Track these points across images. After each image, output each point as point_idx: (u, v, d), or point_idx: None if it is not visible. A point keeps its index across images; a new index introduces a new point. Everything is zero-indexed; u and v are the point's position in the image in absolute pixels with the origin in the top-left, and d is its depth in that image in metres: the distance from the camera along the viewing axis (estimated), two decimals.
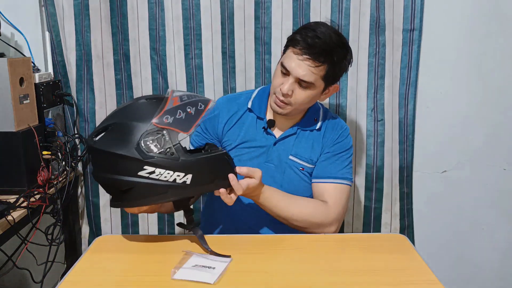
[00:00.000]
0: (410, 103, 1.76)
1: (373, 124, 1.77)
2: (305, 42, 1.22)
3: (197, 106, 1.06)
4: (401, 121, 1.78)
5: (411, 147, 1.81)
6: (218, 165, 1.10)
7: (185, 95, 1.07)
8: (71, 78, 1.78)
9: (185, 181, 1.04)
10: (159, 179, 1.03)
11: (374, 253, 1.11)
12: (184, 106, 1.05)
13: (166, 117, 1.03)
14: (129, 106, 1.09)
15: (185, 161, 1.03)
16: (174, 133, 1.03)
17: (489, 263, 1.94)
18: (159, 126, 1.02)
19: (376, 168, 1.79)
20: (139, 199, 1.06)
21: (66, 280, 0.99)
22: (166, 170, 1.02)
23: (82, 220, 1.91)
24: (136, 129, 1.02)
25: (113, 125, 1.05)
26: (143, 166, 1.01)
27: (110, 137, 1.04)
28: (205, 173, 1.07)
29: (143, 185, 1.03)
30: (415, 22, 1.69)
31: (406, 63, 1.73)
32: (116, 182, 1.04)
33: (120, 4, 1.72)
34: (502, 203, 1.89)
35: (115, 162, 1.02)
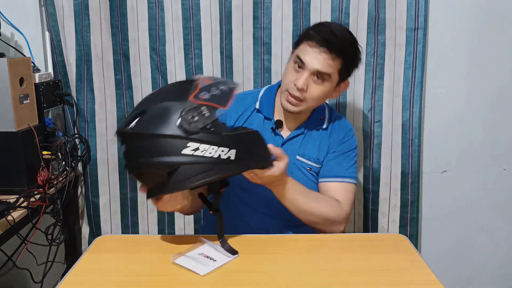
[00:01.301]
0: (415, 105, 1.72)
1: (370, 125, 1.76)
2: (321, 36, 1.24)
3: (227, 84, 1.07)
4: (404, 123, 1.73)
5: (417, 152, 1.74)
6: (255, 141, 1.10)
7: (213, 77, 1.11)
8: (71, 78, 1.78)
9: (230, 156, 1.02)
10: (203, 156, 1.00)
11: (374, 253, 1.11)
12: (217, 84, 1.05)
13: (203, 93, 1.02)
14: (159, 91, 1.08)
15: (228, 136, 1.02)
16: (213, 108, 1.01)
17: (489, 263, 1.94)
18: (197, 102, 1.00)
19: (372, 170, 1.78)
20: (184, 181, 1.00)
21: (66, 280, 0.99)
22: (210, 145, 1.00)
23: (82, 220, 1.91)
24: (173, 108, 0.99)
25: (147, 109, 1.01)
26: (187, 143, 0.98)
27: (148, 120, 1.00)
28: (247, 149, 1.06)
29: (188, 163, 0.99)
30: (419, 21, 1.67)
31: (410, 63, 1.70)
32: (160, 164, 0.99)
33: (120, 4, 1.72)
34: (502, 203, 1.89)
35: (157, 143, 0.99)
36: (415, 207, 1.79)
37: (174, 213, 1.87)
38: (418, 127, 1.74)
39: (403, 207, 1.79)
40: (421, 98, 1.72)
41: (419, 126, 1.74)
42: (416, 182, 1.78)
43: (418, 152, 1.75)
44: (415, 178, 1.77)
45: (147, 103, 1.04)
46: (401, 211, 1.79)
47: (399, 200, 1.78)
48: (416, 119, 1.73)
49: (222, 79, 1.08)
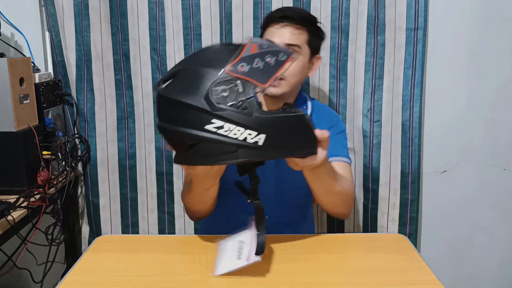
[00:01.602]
0: (416, 105, 1.72)
1: (369, 125, 1.76)
2: (280, 14, 1.30)
3: (278, 56, 0.93)
4: (404, 123, 1.73)
5: (417, 152, 1.74)
6: (297, 128, 0.96)
7: (265, 44, 0.95)
8: (71, 78, 1.78)
9: (257, 141, 0.92)
10: (227, 136, 0.90)
11: (374, 253, 1.11)
12: (263, 55, 0.92)
13: (242, 64, 0.90)
14: (201, 51, 0.98)
15: (259, 118, 0.91)
16: (249, 84, 0.90)
17: (489, 263, 1.94)
18: (232, 74, 0.90)
19: (372, 169, 1.78)
20: (204, 158, 0.94)
21: (66, 280, 0.99)
22: (236, 126, 0.90)
23: (82, 220, 1.91)
24: (206, 76, 0.90)
25: (182, 71, 0.94)
26: (211, 119, 0.89)
27: (178, 84, 0.93)
28: (281, 135, 0.94)
29: (209, 141, 0.91)
30: (419, 21, 1.66)
31: (410, 63, 1.70)
32: (181, 134, 0.93)
33: (120, 4, 1.72)
34: (502, 203, 1.89)
35: (181, 112, 0.91)
36: (415, 206, 1.79)
37: (174, 213, 1.87)
38: (418, 126, 1.73)
39: (402, 207, 1.79)
40: (421, 97, 1.72)
41: (419, 126, 1.73)
42: (416, 182, 1.77)
43: (418, 152, 1.75)
44: (415, 177, 1.77)
45: (186, 63, 0.96)
46: (401, 210, 1.79)
47: (399, 199, 1.78)
48: (416, 119, 1.73)
49: (275, 48, 0.95)
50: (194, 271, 1.03)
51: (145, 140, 1.82)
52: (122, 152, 1.84)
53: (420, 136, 1.75)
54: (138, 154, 1.84)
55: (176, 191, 1.85)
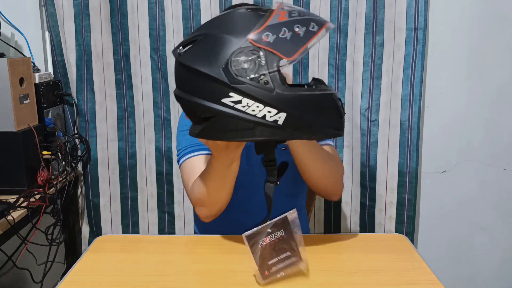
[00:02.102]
0: (415, 105, 1.72)
1: (367, 124, 1.77)
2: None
3: (308, 26, 0.84)
4: (403, 123, 1.74)
5: (416, 152, 1.75)
6: (324, 107, 0.88)
7: (295, 11, 0.86)
8: (71, 78, 1.78)
9: (277, 120, 0.84)
10: (245, 112, 0.84)
11: (374, 253, 1.11)
12: (292, 24, 0.84)
13: (267, 34, 0.82)
14: (225, 15, 0.89)
15: (281, 95, 0.83)
16: (272, 56, 0.82)
17: (489, 263, 1.94)
18: (255, 44, 0.82)
19: (369, 167, 1.79)
20: (218, 132, 0.88)
21: (66, 280, 0.99)
22: (255, 102, 0.83)
23: (82, 220, 1.91)
24: (227, 45, 0.83)
25: (203, 36, 0.87)
26: (229, 93, 0.83)
27: (196, 51, 0.87)
28: (304, 115, 0.86)
29: (225, 115, 0.84)
30: (419, 21, 1.67)
31: (409, 63, 1.70)
32: (196, 106, 0.87)
33: (120, 4, 1.72)
34: (502, 203, 1.89)
35: (197, 81, 0.86)
36: (412, 205, 1.81)
37: (174, 213, 1.87)
38: (417, 127, 1.74)
39: (399, 205, 1.81)
40: (420, 98, 1.73)
41: (418, 126, 1.74)
42: (414, 182, 1.78)
43: (416, 152, 1.76)
44: (412, 177, 1.78)
45: (208, 28, 0.89)
46: (398, 209, 1.81)
47: (396, 197, 1.80)
48: (416, 119, 1.73)
49: (307, 17, 0.86)
50: (194, 271, 1.03)
51: (145, 140, 1.82)
52: (122, 152, 1.84)
53: (419, 136, 1.76)
54: (138, 154, 1.84)
55: (176, 191, 1.85)
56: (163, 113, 1.80)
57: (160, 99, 1.79)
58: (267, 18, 0.84)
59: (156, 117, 1.80)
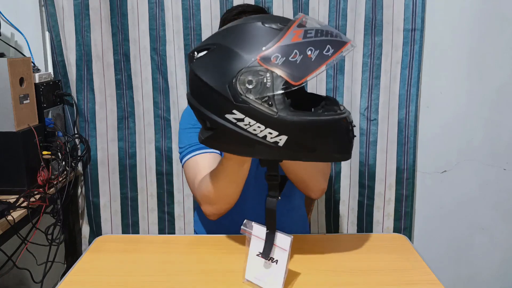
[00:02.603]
0: (412, 104, 1.75)
1: (366, 123, 1.78)
2: (238, 10, 1.26)
3: (323, 49, 0.81)
4: (400, 121, 1.77)
5: (413, 149, 1.79)
6: (329, 132, 0.86)
7: (313, 30, 0.82)
8: (71, 78, 1.78)
9: (277, 141, 0.84)
10: (246, 130, 0.84)
11: (374, 253, 1.11)
12: (305, 46, 0.81)
13: (276, 55, 0.81)
14: (240, 27, 0.87)
15: (283, 119, 0.82)
16: (279, 79, 0.81)
17: (489, 263, 1.94)
18: (263, 65, 0.81)
19: (368, 166, 1.81)
20: (221, 143, 0.90)
21: (66, 280, 0.99)
22: (257, 122, 0.83)
23: (82, 220, 1.91)
24: (236, 61, 0.82)
25: (216, 46, 0.87)
26: (232, 110, 0.83)
27: (207, 61, 0.87)
28: (307, 139, 0.85)
29: (227, 130, 0.85)
30: (417, 22, 1.69)
31: (406, 63, 1.73)
32: (202, 114, 0.89)
33: (120, 4, 1.72)
34: (502, 203, 1.89)
35: (205, 92, 0.86)
36: (409, 201, 1.84)
37: (174, 213, 1.87)
38: (414, 125, 1.77)
39: (397, 202, 1.83)
40: (417, 97, 1.75)
41: (415, 124, 1.77)
42: (411, 178, 1.82)
43: (413, 149, 1.79)
44: (410, 174, 1.81)
45: (223, 37, 0.89)
46: (396, 205, 1.84)
47: (394, 194, 1.83)
48: (412, 117, 1.77)
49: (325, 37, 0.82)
50: (193, 271, 1.03)
51: (145, 140, 1.82)
52: (122, 152, 1.84)
53: (416, 134, 1.79)
54: (138, 154, 1.84)
55: (176, 191, 1.85)
56: (163, 113, 1.80)
57: (160, 99, 1.79)
58: (281, 36, 0.82)
59: (156, 117, 1.81)
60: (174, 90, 1.77)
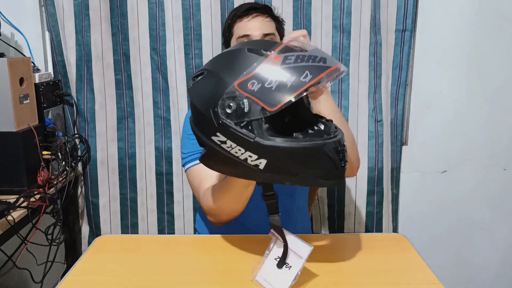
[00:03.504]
0: (399, 103, 1.77)
1: (374, 125, 1.77)
2: (245, 9, 1.28)
3: (301, 75, 0.81)
4: (392, 121, 1.78)
5: (399, 148, 1.82)
6: (309, 159, 0.86)
7: (293, 56, 0.83)
8: (71, 78, 1.78)
9: (258, 164, 0.86)
10: (229, 152, 0.87)
11: (374, 253, 1.11)
12: (281, 73, 0.82)
13: (253, 82, 0.82)
14: (229, 53, 0.92)
15: (259, 143, 0.84)
16: (255, 105, 0.82)
17: (489, 263, 1.94)
18: (240, 91, 0.83)
19: (378, 170, 1.79)
20: (210, 163, 0.96)
21: (66, 280, 0.99)
22: (237, 145, 0.85)
23: (82, 220, 1.91)
24: (220, 86, 0.85)
25: (208, 71, 0.91)
26: (216, 132, 0.87)
27: (199, 86, 0.91)
28: (286, 164, 0.86)
29: (214, 151, 0.90)
30: (407, 23, 1.71)
31: (397, 63, 1.74)
32: (196, 135, 0.94)
33: (120, 4, 1.72)
34: (502, 203, 1.89)
35: (196, 115, 0.92)
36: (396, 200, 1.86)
37: (174, 213, 1.87)
38: (401, 124, 1.79)
39: (392, 201, 1.84)
40: (404, 96, 1.76)
41: (401, 123, 1.79)
42: (398, 176, 1.84)
43: (400, 148, 1.82)
44: (398, 172, 1.83)
45: (214, 63, 0.93)
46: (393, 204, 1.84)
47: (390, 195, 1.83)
48: (400, 116, 1.78)
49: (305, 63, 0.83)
50: (194, 271, 1.03)
51: (145, 140, 1.82)
52: (122, 152, 1.84)
53: (403, 133, 1.81)
54: (138, 154, 1.84)
55: (176, 191, 1.85)
56: (163, 113, 1.80)
57: (160, 99, 1.79)
58: (259, 62, 0.84)
59: (156, 117, 1.80)
60: (174, 90, 1.77)
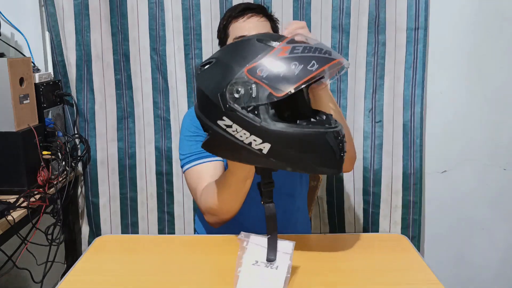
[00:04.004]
0: (416, 106, 1.71)
1: (371, 126, 1.75)
2: (241, 9, 1.28)
3: (308, 64, 0.86)
4: (405, 124, 1.73)
5: (419, 153, 1.74)
6: (311, 146, 0.90)
7: (301, 47, 0.88)
8: (71, 78, 1.78)
9: (261, 149, 0.90)
10: (234, 136, 0.91)
11: (374, 253, 1.11)
12: (290, 61, 0.87)
13: (262, 68, 0.87)
14: (237, 43, 0.98)
15: (265, 127, 0.88)
16: (263, 90, 0.87)
17: (489, 263, 1.94)
18: (249, 76, 0.87)
19: (374, 171, 1.77)
20: (214, 148, 0.98)
21: (66, 280, 0.99)
22: (243, 129, 0.89)
23: (82, 220, 1.91)
24: (229, 73, 0.90)
25: (216, 60, 0.95)
26: (222, 116, 0.90)
27: (207, 73, 0.95)
28: (289, 150, 0.90)
29: (219, 135, 0.93)
30: (420, 21, 1.67)
31: (410, 63, 1.70)
32: (201, 121, 0.97)
33: (120, 4, 1.72)
34: (502, 203, 1.89)
35: (203, 100, 0.95)
36: (418, 208, 1.78)
37: (174, 213, 1.87)
38: (420, 127, 1.73)
39: (405, 208, 1.78)
40: (422, 98, 1.72)
41: (420, 127, 1.73)
42: (418, 183, 1.77)
43: (420, 153, 1.75)
44: (417, 179, 1.76)
45: (223, 52, 0.98)
46: (403, 213, 1.78)
47: (401, 201, 1.78)
48: (418, 119, 1.72)
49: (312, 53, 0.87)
50: (194, 271, 1.03)
51: (145, 140, 1.82)
52: (122, 152, 1.84)
53: (422, 136, 1.75)
54: (138, 154, 1.84)
55: (176, 191, 1.85)
56: (162, 113, 1.80)
57: (160, 99, 1.79)
58: (269, 51, 0.88)
59: (155, 117, 1.80)
60: (174, 90, 1.77)
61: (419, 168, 1.76)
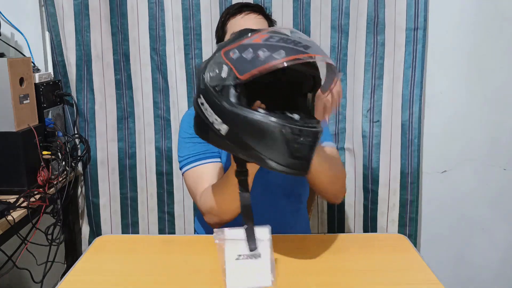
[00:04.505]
0: (415, 105, 1.71)
1: (369, 125, 1.75)
2: (238, 7, 1.30)
3: (274, 52, 0.86)
4: (404, 123, 1.73)
5: (417, 152, 1.74)
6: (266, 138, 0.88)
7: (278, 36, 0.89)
8: (71, 78, 1.78)
9: (220, 129, 0.91)
10: (204, 114, 0.93)
11: (374, 253, 1.11)
12: (259, 47, 0.88)
13: (234, 51, 0.90)
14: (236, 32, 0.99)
15: (224, 107, 0.89)
16: (230, 71, 0.89)
17: (489, 263, 1.94)
18: (223, 58, 0.91)
19: (371, 169, 1.77)
20: (195, 127, 1.00)
21: (66, 280, 0.99)
22: (209, 107, 0.92)
23: (82, 220, 1.91)
24: (212, 55, 0.95)
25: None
26: (199, 94, 0.94)
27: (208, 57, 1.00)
28: (244, 136, 0.89)
29: (197, 114, 0.97)
30: (419, 21, 1.66)
31: (410, 63, 1.69)
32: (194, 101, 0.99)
33: (120, 4, 1.72)
34: (502, 203, 1.89)
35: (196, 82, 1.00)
36: (414, 207, 1.79)
37: (174, 213, 1.87)
38: (418, 127, 1.73)
39: (402, 207, 1.79)
40: (420, 98, 1.72)
41: (418, 126, 1.73)
42: (416, 182, 1.77)
43: (417, 152, 1.75)
44: (414, 178, 1.77)
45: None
46: (400, 211, 1.79)
47: (398, 200, 1.78)
48: (416, 119, 1.72)
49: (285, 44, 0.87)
50: (194, 271, 1.03)
51: (145, 140, 1.82)
52: (122, 152, 1.84)
53: (420, 136, 1.75)
54: (138, 154, 1.84)
55: (176, 191, 1.85)
56: (163, 113, 1.80)
57: (160, 99, 1.79)
58: (247, 37, 0.91)
59: (156, 117, 1.81)
60: (174, 90, 1.77)
61: (416, 167, 1.76)
